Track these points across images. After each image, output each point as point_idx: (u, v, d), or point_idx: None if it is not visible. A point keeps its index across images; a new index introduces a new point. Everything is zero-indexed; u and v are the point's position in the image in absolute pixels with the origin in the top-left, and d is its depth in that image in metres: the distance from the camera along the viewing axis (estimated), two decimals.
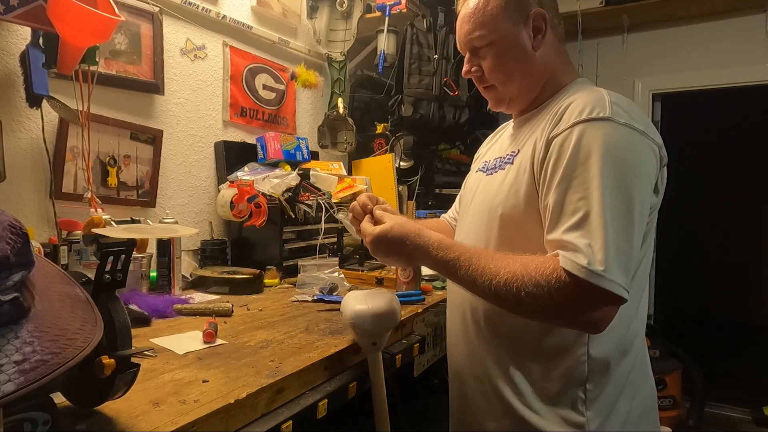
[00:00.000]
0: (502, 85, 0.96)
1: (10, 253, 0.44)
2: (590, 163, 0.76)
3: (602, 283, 0.70)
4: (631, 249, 0.74)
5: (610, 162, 0.75)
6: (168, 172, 1.74)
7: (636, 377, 0.88)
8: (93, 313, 0.54)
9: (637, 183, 0.77)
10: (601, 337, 0.83)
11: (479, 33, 0.93)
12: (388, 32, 2.31)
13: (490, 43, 0.93)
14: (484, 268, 0.79)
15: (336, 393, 0.96)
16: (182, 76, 1.79)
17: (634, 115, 0.80)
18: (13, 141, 1.34)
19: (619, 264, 0.71)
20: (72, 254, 1.30)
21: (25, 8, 1.15)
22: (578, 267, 0.70)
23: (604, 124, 0.78)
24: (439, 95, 2.34)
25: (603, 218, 0.72)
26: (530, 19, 0.92)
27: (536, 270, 0.74)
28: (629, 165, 0.77)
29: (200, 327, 1.09)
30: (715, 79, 2.77)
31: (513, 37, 0.92)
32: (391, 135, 2.45)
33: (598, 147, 0.76)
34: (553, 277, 0.72)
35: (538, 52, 0.93)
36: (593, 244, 0.71)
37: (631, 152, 0.78)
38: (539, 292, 0.73)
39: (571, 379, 0.84)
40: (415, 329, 1.34)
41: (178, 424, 0.67)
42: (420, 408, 1.62)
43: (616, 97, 0.83)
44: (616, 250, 0.71)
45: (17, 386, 0.39)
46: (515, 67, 0.93)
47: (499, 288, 0.76)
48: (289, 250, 1.75)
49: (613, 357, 0.85)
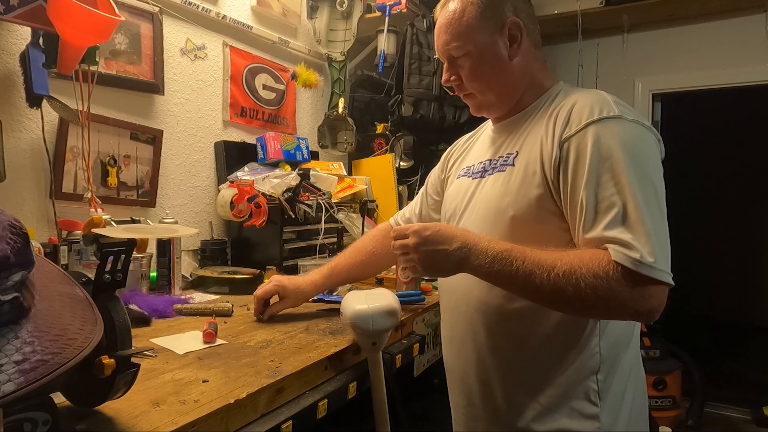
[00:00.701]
0: (480, 93, 0.98)
1: (10, 253, 0.44)
2: (614, 160, 0.78)
3: (654, 274, 0.73)
4: (666, 237, 0.78)
5: (631, 157, 0.78)
6: (168, 172, 1.74)
7: (635, 370, 0.91)
8: (93, 313, 0.54)
9: (656, 174, 0.80)
10: (611, 329, 0.86)
11: (456, 44, 0.95)
12: (388, 32, 2.31)
13: (467, 54, 0.95)
14: (540, 260, 0.78)
15: (336, 393, 0.96)
16: (182, 76, 1.79)
17: (636, 113, 0.85)
18: (13, 141, 1.34)
19: (662, 253, 0.75)
20: (72, 254, 1.30)
21: (25, 8, 1.15)
22: (632, 260, 0.73)
23: (617, 122, 0.81)
24: (439, 95, 2.34)
25: (640, 212, 0.75)
26: (506, 28, 0.94)
27: (592, 262, 0.75)
28: (647, 158, 0.80)
29: (200, 327, 1.09)
30: (715, 79, 2.77)
31: (489, 47, 0.94)
32: (391, 135, 2.45)
33: (617, 144, 0.79)
34: (610, 269, 0.74)
35: (514, 60, 0.95)
36: (638, 238, 0.74)
37: (646, 146, 0.82)
38: (599, 283, 0.74)
39: (584, 371, 0.86)
40: (415, 329, 1.34)
41: (178, 424, 0.67)
42: (420, 408, 1.62)
43: (614, 96, 0.87)
44: (658, 240, 0.75)
45: (17, 386, 0.39)
46: (492, 75, 0.95)
47: (558, 280, 0.76)
48: (289, 250, 1.75)
49: (620, 347, 0.88)
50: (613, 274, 0.74)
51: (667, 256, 0.76)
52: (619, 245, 0.74)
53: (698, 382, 2.70)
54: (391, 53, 2.37)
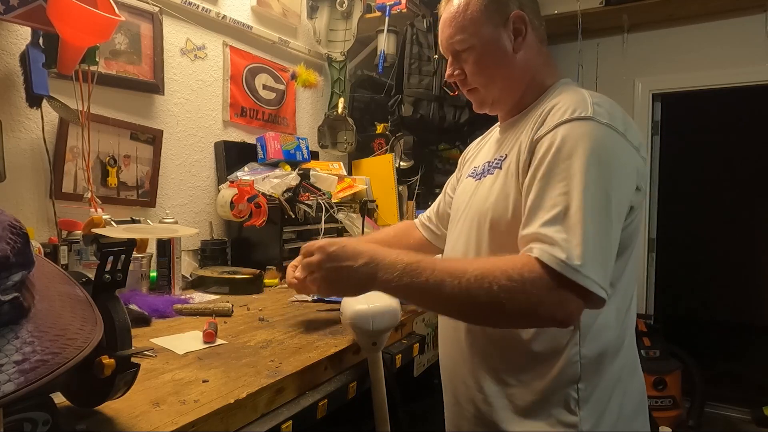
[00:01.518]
0: (484, 87, 0.97)
1: (10, 253, 0.44)
2: (573, 160, 0.75)
3: (578, 279, 0.69)
4: (609, 247, 0.74)
5: (592, 160, 0.75)
6: (168, 172, 1.74)
7: (627, 375, 0.89)
8: (93, 313, 0.54)
9: (617, 182, 0.77)
10: (595, 336, 0.83)
11: (459, 37, 0.94)
12: (388, 32, 2.31)
13: (471, 47, 0.94)
14: (451, 268, 0.75)
15: (336, 393, 0.96)
16: (182, 76, 1.79)
17: (616, 116, 0.81)
18: (13, 141, 1.34)
19: (595, 261, 0.70)
20: (72, 254, 1.30)
21: (25, 8, 1.15)
22: (555, 260, 0.69)
23: (586, 123, 0.78)
24: (439, 95, 2.34)
25: (583, 214, 0.71)
26: (510, 21, 0.93)
27: (507, 264, 0.72)
28: (610, 164, 0.77)
29: (200, 327, 1.09)
30: (715, 79, 2.77)
31: (493, 40, 0.93)
32: (391, 135, 2.45)
33: (581, 145, 0.76)
34: (526, 269, 0.71)
35: (518, 54, 0.93)
36: (571, 239, 0.70)
37: (612, 152, 0.78)
38: (513, 285, 0.70)
39: (563, 380, 0.83)
40: (415, 329, 1.34)
41: (178, 424, 0.67)
42: (420, 408, 1.62)
43: (598, 98, 0.83)
44: (595, 246, 0.71)
45: (17, 386, 0.39)
46: (496, 69, 0.94)
47: (470, 285, 0.72)
48: (289, 250, 1.75)
49: (606, 356, 0.85)
50: (528, 274, 0.70)
51: (601, 264, 0.71)
52: (547, 244, 0.71)
53: (698, 382, 2.70)
54: (391, 53, 2.37)
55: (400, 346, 1.22)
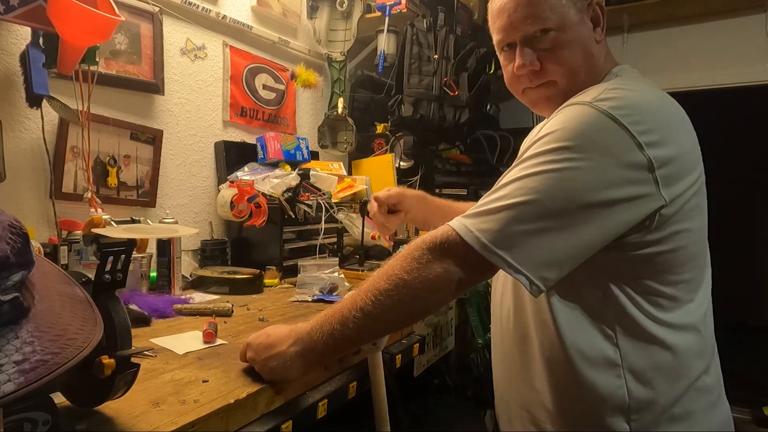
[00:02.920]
0: (566, 79, 0.83)
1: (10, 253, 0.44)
2: (543, 141, 0.71)
3: (480, 249, 0.68)
4: (547, 242, 0.68)
5: (561, 141, 0.69)
6: (168, 172, 1.74)
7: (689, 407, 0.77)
8: (93, 313, 0.54)
9: (589, 178, 0.68)
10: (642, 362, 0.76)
11: (545, 16, 0.80)
12: (388, 32, 2.31)
13: (557, 30, 0.80)
14: (359, 290, 0.76)
15: (336, 393, 0.96)
16: (182, 76, 1.79)
17: (628, 107, 0.71)
18: (13, 141, 1.34)
19: (512, 243, 0.68)
20: (72, 254, 1.30)
21: (25, 8, 1.15)
22: (464, 227, 0.70)
23: (578, 108, 0.72)
24: (439, 95, 2.34)
25: (522, 206, 0.68)
26: (591, 8, 0.83)
27: (405, 251, 0.75)
28: (582, 148, 0.69)
29: (200, 327, 1.09)
30: (715, 79, 2.77)
31: (579, 26, 0.82)
32: (391, 135, 2.45)
33: (559, 126, 0.71)
34: (412, 246, 0.74)
35: (600, 44, 0.85)
36: (492, 222, 0.69)
37: (592, 136, 0.69)
38: (414, 254, 0.72)
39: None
40: (415, 329, 1.34)
41: (178, 424, 0.67)
42: (420, 408, 1.62)
43: (624, 87, 0.75)
44: (518, 233, 0.68)
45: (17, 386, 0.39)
46: (582, 60, 0.82)
47: (381, 285, 0.73)
48: (289, 250, 1.75)
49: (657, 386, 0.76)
50: (414, 252, 0.72)
51: (506, 235, 0.67)
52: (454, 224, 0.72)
53: None
54: (391, 53, 2.37)
55: (400, 346, 1.22)
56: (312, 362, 0.81)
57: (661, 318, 0.76)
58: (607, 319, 0.77)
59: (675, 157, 0.72)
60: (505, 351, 0.93)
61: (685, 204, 0.75)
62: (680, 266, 0.77)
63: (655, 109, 0.74)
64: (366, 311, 0.74)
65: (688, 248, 0.78)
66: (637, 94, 0.76)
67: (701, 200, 0.82)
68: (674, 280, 0.77)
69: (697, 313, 0.81)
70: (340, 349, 0.79)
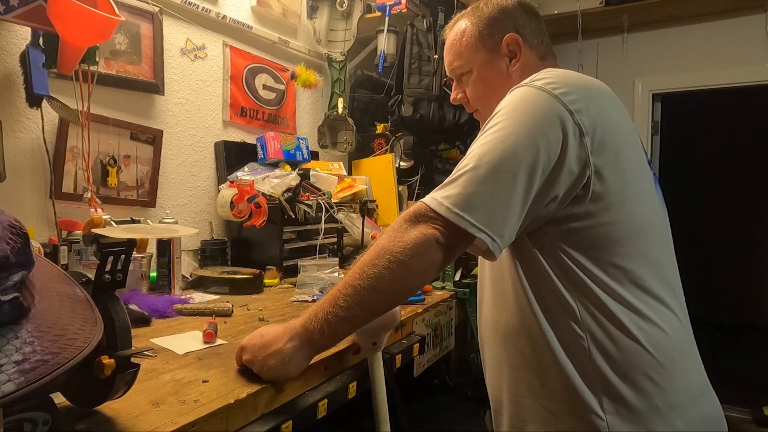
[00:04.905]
0: (484, 109, 1.01)
1: (10, 253, 0.44)
2: (489, 122, 0.80)
3: (445, 213, 0.74)
4: (500, 200, 0.74)
5: (503, 116, 0.78)
6: (168, 172, 1.74)
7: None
8: (93, 313, 0.54)
9: (530, 140, 0.75)
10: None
11: (458, 63, 1.02)
12: (388, 32, 2.31)
13: (469, 72, 1.01)
14: (347, 273, 0.80)
15: (336, 393, 0.96)
16: (182, 76, 1.79)
17: (557, 82, 0.79)
18: (13, 141, 1.34)
19: (471, 206, 0.73)
20: (72, 254, 1.30)
21: (25, 8, 1.15)
22: (430, 197, 0.76)
23: (517, 90, 0.82)
24: (439, 95, 2.34)
25: (475, 170, 0.75)
26: (504, 45, 0.97)
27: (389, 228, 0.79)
28: (520, 117, 0.77)
29: (200, 327, 1.09)
30: (715, 79, 2.77)
31: (488, 65, 0.99)
32: (391, 135, 2.45)
33: (501, 106, 0.80)
34: (393, 223, 0.79)
35: (513, 76, 0.97)
36: (453, 188, 0.75)
37: (527, 105, 0.78)
38: (394, 226, 0.78)
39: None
40: (415, 329, 1.34)
41: (178, 424, 0.67)
42: (420, 408, 1.62)
43: (554, 72, 0.84)
44: (466, 185, 0.74)
45: (17, 386, 0.39)
46: (493, 92, 0.97)
47: (370, 263, 0.76)
48: (289, 250, 1.75)
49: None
50: (398, 219, 0.78)
51: (484, 211, 0.73)
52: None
53: None
54: (391, 53, 2.37)
55: (400, 346, 1.22)
56: (311, 355, 0.82)
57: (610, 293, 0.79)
58: (569, 292, 0.80)
59: (604, 126, 0.78)
60: (486, 339, 0.98)
61: (619, 180, 0.78)
62: (612, 246, 0.78)
63: (583, 84, 0.83)
64: (355, 285, 0.77)
65: (619, 228, 0.79)
66: (563, 73, 0.84)
67: (643, 184, 0.84)
68: (605, 260, 0.79)
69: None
70: (337, 333, 0.80)
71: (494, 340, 0.93)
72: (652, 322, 0.78)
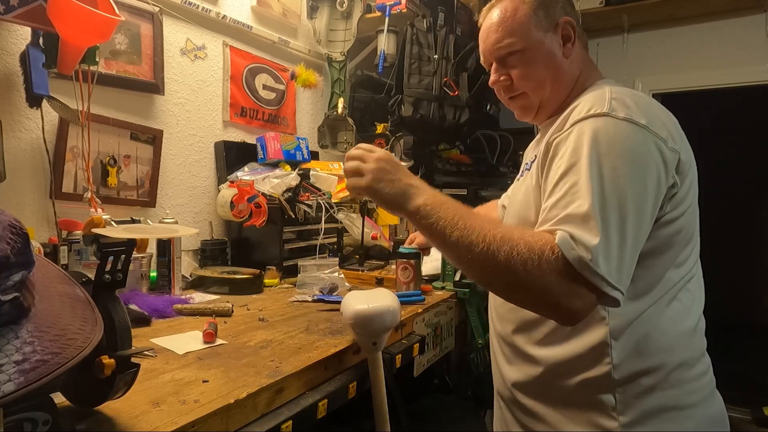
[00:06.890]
0: (533, 92, 0.96)
1: (10, 253, 0.44)
2: (581, 157, 0.75)
3: (594, 279, 0.69)
4: (624, 246, 0.72)
5: (603, 155, 0.75)
6: (168, 172, 1.74)
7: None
8: (93, 313, 0.54)
9: (636, 176, 0.75)
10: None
11: (509, 40, 0.94)
12: (388, 32, 2.30)
13: (521, 50, 0.94)
14: (481, 219, 0.78)
15: (336, 393, 0.96)
16: (182, 76, 1.79)
17: (637, 110, 0.79)
18: (13, 141, 1.34)
19: (609, 259, 0.70)
20: (72, 254, 1.30)
21: (25, 8, 1.16)
22: (574, 255, 0.69)
23: (600, 120, 0.78)
24: (439, 95, 2.34)
25: (597, 214, 0.71)
26: (559, 27, 0.94)
27: (532, 236, 0.73)
28: (625, 157, 0.75)
29: (200, 327, 1.09)
30: (715, 79, 2.77)
31: (543, 44, 0.94)
32: (391, 135, 2.44)
33: (591, 140, 0.76)
34: (547, 248, 0.71)
35: (568, 59, 0.95)
36: (590, 239, 0.70)
37: (629, 145, 0.77)
38: (531, 256, 0.71)
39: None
40: (415, 329, 1.34)
41: (178, 424, 0.67)
42: (420, 408, 1.62)
43: (619, 92, 0.82)
44: (609, 245, 0.71)
45: (17, 386, 0.39)
46: (546, 74, 0.94)
47: (494, 241, 0.73)
48: (289, 250, 1.75)
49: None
50: (548, 252, 0.70)
51: (617, 264, 0.71)
52: (569, 236, 0.71)
53: None
54: (391, 53, 2.37)
55: (400, 346, 1.22)
56: (402, 207, 0.86)
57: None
58: None
59: (686, 160, 0.82)
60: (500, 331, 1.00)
61: (690, 206, 0.85)
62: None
63: (662, 115, 0.85)
64: (467, 245, 0.76)
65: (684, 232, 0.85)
66: (638, 99, 0.83)
67: (694, 200, 0.89)
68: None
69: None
70: (428, 226, 0.82)
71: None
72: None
